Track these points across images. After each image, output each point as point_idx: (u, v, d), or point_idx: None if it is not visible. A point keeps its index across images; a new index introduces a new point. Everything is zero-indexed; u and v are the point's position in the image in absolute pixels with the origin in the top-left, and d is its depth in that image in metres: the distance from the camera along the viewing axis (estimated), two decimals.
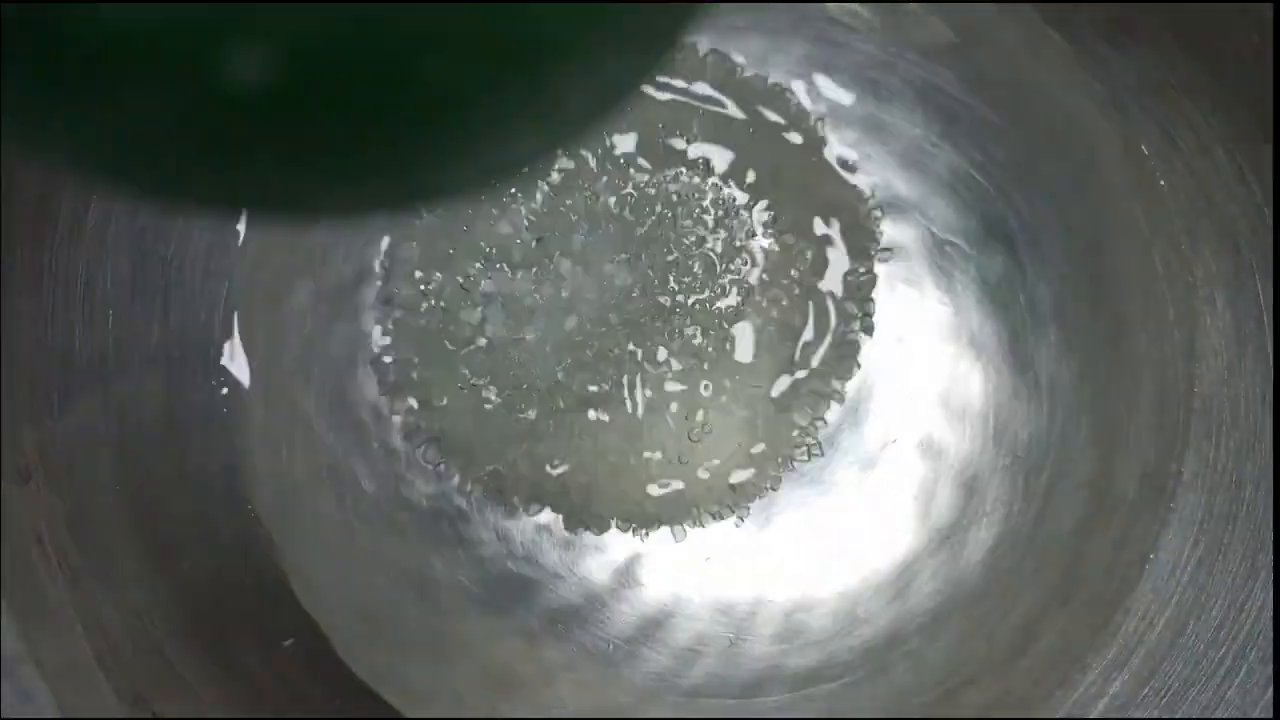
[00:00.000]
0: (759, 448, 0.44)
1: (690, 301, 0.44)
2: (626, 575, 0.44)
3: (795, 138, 0.45)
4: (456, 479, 0.44)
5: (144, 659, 0.38)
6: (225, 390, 0.43)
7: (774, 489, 0.44)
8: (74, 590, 0.37)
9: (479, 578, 0.44)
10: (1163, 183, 0.43)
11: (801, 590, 0.44)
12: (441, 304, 0.44)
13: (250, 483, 0.43)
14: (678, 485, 0.44)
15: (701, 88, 0.45)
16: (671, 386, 0.44)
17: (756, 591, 0.44)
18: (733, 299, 0.44)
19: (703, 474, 0.44)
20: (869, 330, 0.45)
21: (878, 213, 0.45)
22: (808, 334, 0.44)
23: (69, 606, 0.37)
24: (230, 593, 0.42)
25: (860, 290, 0.45)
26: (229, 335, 0.43)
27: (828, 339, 0.44)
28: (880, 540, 0.44)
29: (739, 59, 0.45)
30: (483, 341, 0.44)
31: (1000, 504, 0.44)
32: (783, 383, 0.44)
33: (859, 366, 0.45)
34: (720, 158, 0.45)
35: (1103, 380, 0.44)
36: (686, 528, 0.44)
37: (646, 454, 0.44)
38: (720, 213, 0.45)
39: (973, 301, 0.45)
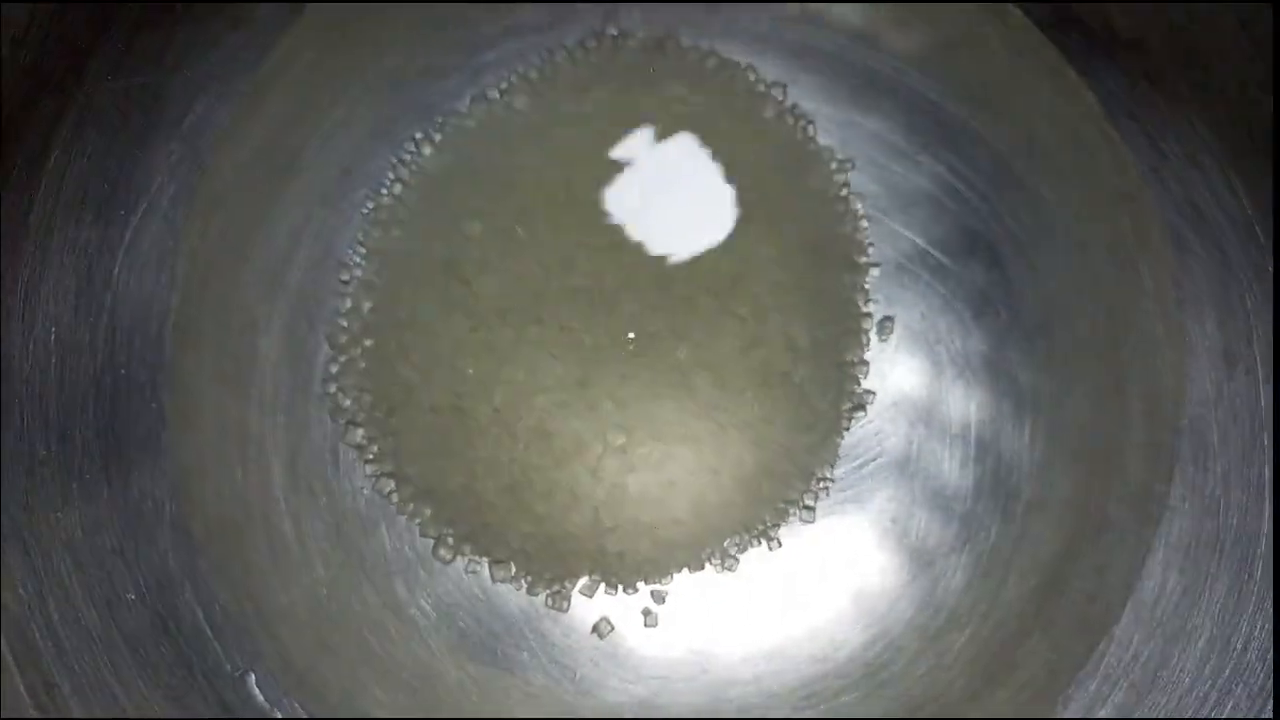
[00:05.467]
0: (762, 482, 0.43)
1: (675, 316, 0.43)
2: (606, 613, 0.43)
3: (779, 143, 0.43)
4: (419, 516, 0.43)
5: (85, 694, 0.36)
6: (172, 411, 0.41)
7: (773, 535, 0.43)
8: (10, 624, 0.35)
9: (441, 609, 0.43)
10: (1150, 192, 0.42)
11: (773, 618, 0.43)
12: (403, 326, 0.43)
13: (197, 508, 0.41)
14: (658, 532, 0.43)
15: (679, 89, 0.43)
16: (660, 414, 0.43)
17: (727, 620, 0.43)
18: (714, 312, 0.43)
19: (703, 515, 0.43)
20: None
21: (864, 223, 0.43)
22: (787, 344, 0.43)
23: (3, 639, 0.35)
24: (175, 623, 0.40)
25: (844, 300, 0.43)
26: (177, 353, 0.41)
27: (808, 353, 0.43)
28: (856, 565, 0.43)
29: (719, 61, 0.44)
30: (444, 387, 0.43)
31: (980, 527, 0.43)
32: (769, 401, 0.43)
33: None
34: (702, 163, 0.43)
35: (1087, 398, 0.43)
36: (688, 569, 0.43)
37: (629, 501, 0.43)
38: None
39: (953, 315, 0.43)
